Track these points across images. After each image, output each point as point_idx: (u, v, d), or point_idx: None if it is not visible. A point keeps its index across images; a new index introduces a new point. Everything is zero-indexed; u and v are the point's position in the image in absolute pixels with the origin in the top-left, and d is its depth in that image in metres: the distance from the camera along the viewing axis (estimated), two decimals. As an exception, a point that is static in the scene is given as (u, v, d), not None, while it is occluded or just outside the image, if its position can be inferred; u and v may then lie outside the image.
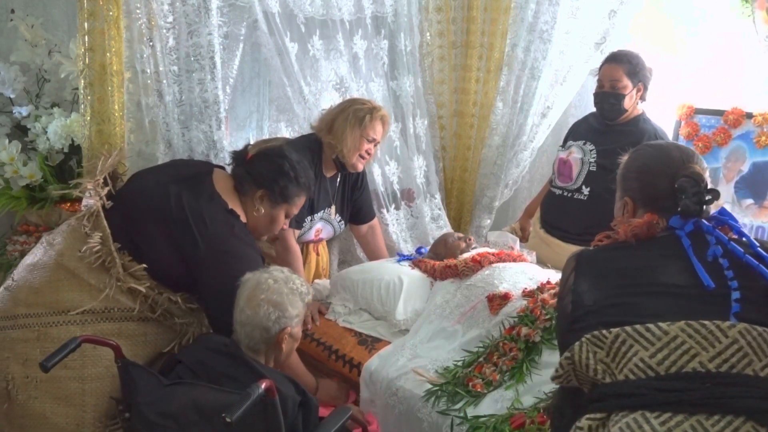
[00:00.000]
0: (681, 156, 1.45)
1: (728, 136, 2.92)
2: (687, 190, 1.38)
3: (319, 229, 2.72)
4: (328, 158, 2.63)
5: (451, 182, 3.54)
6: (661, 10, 3.11)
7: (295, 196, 2.14)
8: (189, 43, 2.35)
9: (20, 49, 2.68)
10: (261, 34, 2.62)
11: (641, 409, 1.15)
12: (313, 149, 2.60)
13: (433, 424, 1.90)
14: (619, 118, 2.71)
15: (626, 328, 1.21)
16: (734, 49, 2.90)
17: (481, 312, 2.22)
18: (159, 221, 1.96)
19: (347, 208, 2.81)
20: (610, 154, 2.60)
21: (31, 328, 1.87)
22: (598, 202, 2.66)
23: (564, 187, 2.83)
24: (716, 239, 1.34)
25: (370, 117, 2.56)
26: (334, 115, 2.60)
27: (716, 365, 1.15)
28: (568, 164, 2.82)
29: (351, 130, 2.54)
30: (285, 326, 1.79)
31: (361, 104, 2.61)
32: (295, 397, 1.67)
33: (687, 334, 1.17)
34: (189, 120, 2.41)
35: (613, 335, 1.21)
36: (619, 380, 1.20)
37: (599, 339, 1.23)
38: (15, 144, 2.58)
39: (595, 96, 2.76)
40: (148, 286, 1.94)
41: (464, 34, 3.35)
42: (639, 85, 2.67)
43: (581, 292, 1.35)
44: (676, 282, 1.29)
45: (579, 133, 2.89)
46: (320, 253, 2.87)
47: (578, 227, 2.75)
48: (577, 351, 1.24)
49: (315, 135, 2.65)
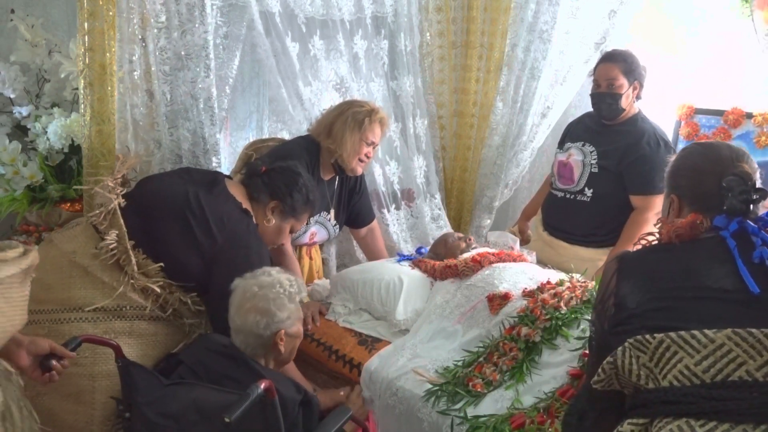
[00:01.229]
0: (731, 155, 1.43)
1: (728, 136, 2.92)
2: (734, 189, 1.35)
3: (313, 232, 2.71)
4: (326, 161, 2.62)
5: (451, 182, 3.54)
6: (661, 10, 3.11)
7: (303, 212, 2.26)
8: (182, 42, 2.35)
9: (20, 49, 2.67)
10: (257, 34, 2.62)
11: (686, 416, 1.14)
12: (311, 151, 2.58)
13: (433, 424, 1.90)
14: (617, 117, 2.71)
15: (671, 335, 1.19)
16: (734, 49, 2.90)
17: (481, 312, 2.22)
18: (178, 219, 2.00)
19: (344, 212, 2.80)
20: (611, 155, 2.65)
21: (41, 324, 1.88)
22: (602, 203, 2.68)
23: (566, 189, 2.83)
24: (762, 241, 1.30)
25: (369, 120, 2.55)
26: (333, 119, 2.57)
27: (764, 374, 1.14)
28: (569, 166, 2.82)
29: (351, 134, 2.53)
30: (277, 330, 1.80)
31: (359, 107, 2.59)
32: (295, 397, 1.67)
33: (734, 342, 1.15)
34: (176, 119, 2.43)
35: (657, 341, 1.19)
36: (663, 386, 1.19)
37: (642, 344, 1.21)
38: (15, 144, 2.58)
39: (593, 97, 2.75)
40: (161, 285, 1.97)
41: (464, 34, 3.35)
42: (635, 84, 2.67)
43: (624, 294, 1.33)
44: (722, 286, 1.26)
45: (576, 134, 2.89)
46: (313, 257, 2.85)
47: (583, 229, 2.76)
48: (620, 356, 1.22)
49: (312, 137, 2.63)
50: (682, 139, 3.03)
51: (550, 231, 2.92)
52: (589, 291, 2.16)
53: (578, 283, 2.22)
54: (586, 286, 2.21)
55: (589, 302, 2.10)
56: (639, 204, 2.65)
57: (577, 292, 2.13)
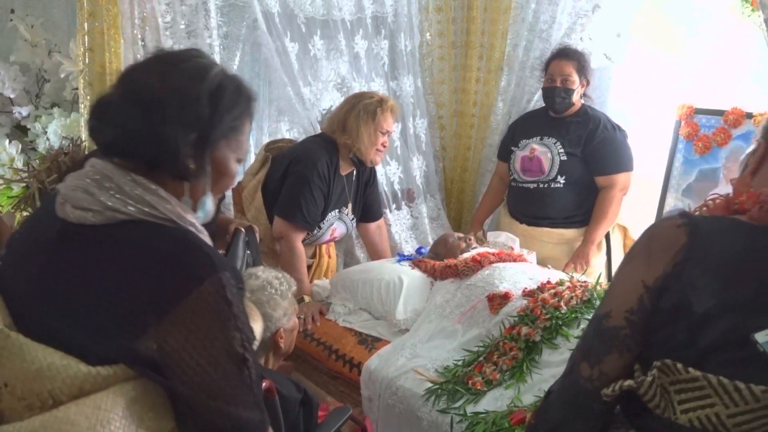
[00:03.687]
0: None
1: (728, 136, 2.91)
2: None
3: (334, 228, 2.71)
4: (345, 156, 2.62)
5: (451, 182, 3.54)
6: (661, 10, 3.11)
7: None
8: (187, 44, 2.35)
9: (20, 49, 2.68)
10: (261, 33, 2.62)
11: None
12: (329, 150, 2.58)
13: (433, 423, 1.89)
14: (566, 111, 2.87)
15: (710, 378, 0.94)
16: (734, 49, 2.90)
17: (481, 311, 2.22)
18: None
19: (359, 205, 2.80)
20: (575, 143, 2.84)
21: None
22: (576, 186, 2.86)
23: (537, 180, 2.91)
24: None
25: (381, 110, 2.55)
26: (345, 114, 2.58)
27: None
28: (536, 160, 2.90)
29: (365, 126, 2.53)
30: (276, 329, 1.79)
31: (369, 98, 2.59)
32: (295, 396, 1.67)
33: None
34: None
35: (690, 376, 0.95)
36: (677, 422, 0.97)
37: (671, 370, 0.97)
38: (15, 144, 2.58)
39: (546, 91, 2.89)
40: None
41: (464, 34, 3.35)
42: (583, 81, 2.84)
43: (691, 287, 0.97)
44: None
45: (529, 130, 2.98)
46: (331, 255, 2.88)
47: (563, 212, 2.90)
48: (646, 387, 0.99)
49: (326, 134, 2.63)
50: (682, 139, 3.02)
51: (528, 222, 2.97)
52: (589, 291, 2.16)
53: (578, 283, 2.22)
54: (587, 285, 2.21)
55: (589, 302, 2.10)
56: (605, 183, 2.84)
57: (578, 292, 2.13)
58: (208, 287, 0.97)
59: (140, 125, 1.02)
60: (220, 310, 0.98)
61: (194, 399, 0.98)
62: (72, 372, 0.94)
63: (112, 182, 1.02)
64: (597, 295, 2.13)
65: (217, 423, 0.99)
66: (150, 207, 1.01)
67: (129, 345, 0.95)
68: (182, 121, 1.03)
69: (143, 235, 1.00)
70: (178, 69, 1.06)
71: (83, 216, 1.01)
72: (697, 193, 2.95)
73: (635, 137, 2.94)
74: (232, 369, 0.99)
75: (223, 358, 0.98)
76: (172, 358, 0.96)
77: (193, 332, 0.96)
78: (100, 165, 1.04)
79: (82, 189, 1.02)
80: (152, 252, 0.99)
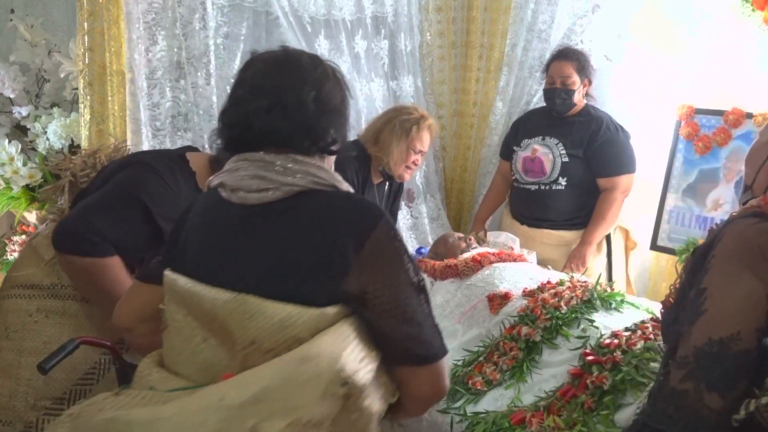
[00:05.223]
0: None
1: (728, 136, 2.91)
2: None
3: None
4: (375, 168, 2.60)
5: (451, 182, 3.54)
6: (661, 10, 3.10)
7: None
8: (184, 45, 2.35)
9: (20, 49, 2.68)
10: (284, 31, 2.66)
11: None
12: (360, 158, 2.55)
13: (433, 423, 1.89)
14: (569, 111, 2.86)
15: None
16: (734, 49, 2.89)
17: (481, 311, 2.22)
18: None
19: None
20: (577, 144, 2.82)
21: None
22: (577, 188, 2.84)
23: (538, 182, 2.89)
24: None
25: (417, 128, 2.52)
26: (381, 126, 2.55)
27: None
28: (537, 161, 2.89)
29: (397, 143, 2.50)
30: None
31: (407, 114, 2.55)
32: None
33: None
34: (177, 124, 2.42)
35: None
36: None
37: None
38: (15, 144, 2.58)
39: (546, 92, 2.88)
40: None
41: (464, 34, 3.36)
42: (585, 81, 2.83)
43: None
44: None
45: (531, 130, 2.97)
46: None
47: (565, 214, 2.89)
48: None
49: (360, 142, 2.59)
50: (682, 139, 3.02)
51: (529, 223, 2.96)
52: (589, 291, 2.15)
53: (578, 283, 2.22)
54: (587, 285, 2.21)
55: (589, 302, 2.10)
56: (606, 185, 2.83)
57: (578, 292, 2.13)
58: (381, 228, 1.15)
59: (296, 120, 1.20)
60: (394, 246, 1.17)
61: (390, 327, 1.14)
62: (307, 316, 1.10)
63: (277, 165, 1.18)
64: (597, 296, 2.12)
65: (411, 348, 1.14)
66: (317, 177, 1.19)
67: (339, 287, 1.12)
68: (325, 110, 1.23)
69: (320, 199, 1.18)
70: (302, 68, 1.25)
71: (263, 196, 1.17)
72: (697, 194, 2.95)
73: (635, 138, 2.94)
74: (414, 295, 1.16)
75: (406, 285, 1.16)
76: (369, 292, 1.13)
77: (381, 266, 1.14)
78: (256, 156, 1.20)
79: (250, 176, 1.18)
80: (333, 210, 1.17)
